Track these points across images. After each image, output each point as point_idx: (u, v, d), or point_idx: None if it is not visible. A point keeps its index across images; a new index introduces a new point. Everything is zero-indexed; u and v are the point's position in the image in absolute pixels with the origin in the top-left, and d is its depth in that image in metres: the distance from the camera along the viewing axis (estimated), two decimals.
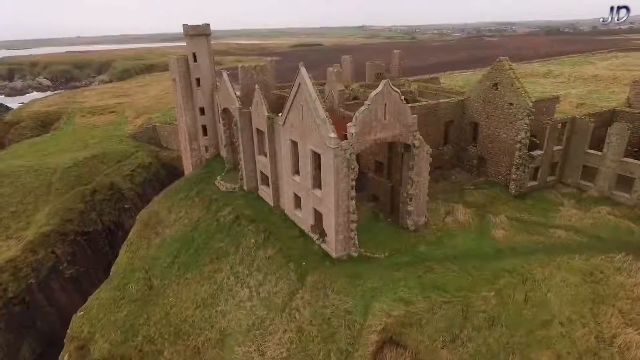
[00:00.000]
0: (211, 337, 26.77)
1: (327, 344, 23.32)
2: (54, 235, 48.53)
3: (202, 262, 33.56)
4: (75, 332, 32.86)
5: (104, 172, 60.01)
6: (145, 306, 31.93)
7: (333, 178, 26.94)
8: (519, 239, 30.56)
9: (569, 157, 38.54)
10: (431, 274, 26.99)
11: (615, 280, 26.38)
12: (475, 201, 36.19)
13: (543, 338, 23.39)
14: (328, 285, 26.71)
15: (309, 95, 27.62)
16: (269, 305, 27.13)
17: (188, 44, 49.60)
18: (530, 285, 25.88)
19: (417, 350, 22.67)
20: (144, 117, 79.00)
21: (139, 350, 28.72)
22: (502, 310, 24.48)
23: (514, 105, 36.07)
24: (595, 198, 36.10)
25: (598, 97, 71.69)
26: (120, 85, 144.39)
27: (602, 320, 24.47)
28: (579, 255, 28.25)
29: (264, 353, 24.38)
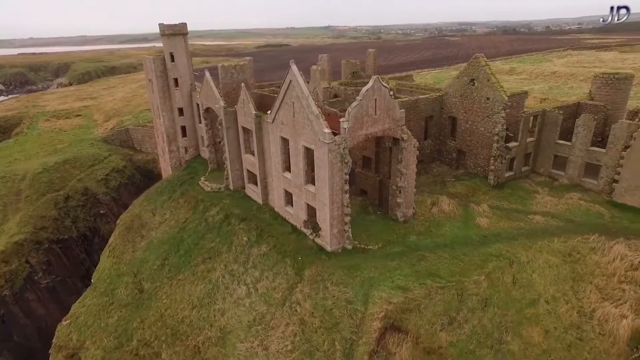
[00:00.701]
0: (211, 335, 26.71)
1: (330, 333, 23.88)
2: (28, 244, 46.50)
3: (193, 262, 33.29)
4: (62, 341, 31.77)
5: (77, 177, 57.91)
6: (137, 310, 31.33)
7: (327, 172, 27.52)
8: (502, 226, 32.25)
9: (540, 148, 40.90)
10: (424, 262, 28.09)
11: (591, 260, 28.39)
12: (457, 192, 37.77)
13: (532, 315, 24.96)
14: (326, 277, 27.28)
15: (301, 92, 28.08)
16: (268, 300, 27.37)
17: (165, 43, 48.76)
18: (517, 267, 27.45)
19: (418, 334, 23.64)
20: (115, 120, 76.65)
21: (135, 354, 28.21)
22: (493, 292, 25.88)
23: (491, 99, 37.92)
24: (566, 185, 38.52)
25: (558, 92, 75.98)
26: (84, 88, 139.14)
27: (582, 297, 26.33)
28: (557, 238, 30.17)
29: (267, 347, 24.63)
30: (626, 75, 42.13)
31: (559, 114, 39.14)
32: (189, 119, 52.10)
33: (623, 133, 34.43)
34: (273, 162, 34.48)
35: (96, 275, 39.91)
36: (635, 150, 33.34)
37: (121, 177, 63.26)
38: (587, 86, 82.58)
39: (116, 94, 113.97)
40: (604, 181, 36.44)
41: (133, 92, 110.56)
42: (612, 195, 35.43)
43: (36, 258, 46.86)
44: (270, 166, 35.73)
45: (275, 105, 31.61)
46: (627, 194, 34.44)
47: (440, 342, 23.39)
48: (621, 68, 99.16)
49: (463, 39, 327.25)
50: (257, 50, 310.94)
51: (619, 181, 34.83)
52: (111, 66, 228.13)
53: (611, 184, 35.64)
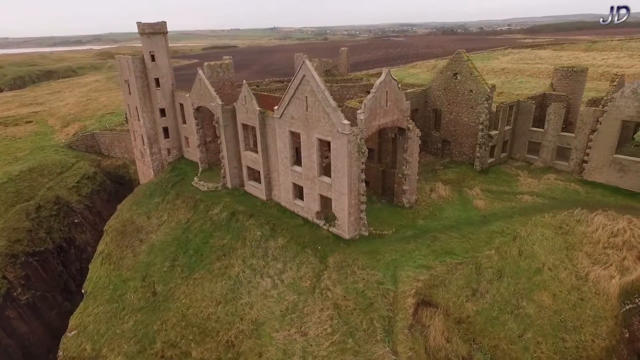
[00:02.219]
0: (243, 328, 26.92)
1: (367, 313, 25.13)
2: (3, 259, 43.28)
3: (207, 261, 33.07)
4: (73, 352, 30.27)
5: (46, 186, 54.40)
6: (154, 313, 30.63)
7: (346, 163, 28.75)
8: (497, 206, 35.23)
9: (516, 135, 44.82)
10: (438, 242, 30.20)
11: (578, 230, 31.98)
12: (449, 179, 40.47)
13: (539, 282, 27.82)
14: (351, 263, 28.51)
15: (316, 86, 29.06)
16: (297, 289, 28.07)
17: (145, 43, 47.42)
18: (519, 241, 30.32)
19: (447, 306, 25.57)
20: (76, 125, 72.42)
21: (161, 356, 27.67)
22: (503, 264, 28.48)
23: (474, 91, 41.05)
24: (541, 168, 42.57)
25: (511, 87, 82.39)
26: (25, 94, 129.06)
27: (576, 263, 29.68)
28: (547, 213, 33.56)
29: (305, 333, 25.37)
30: (582, 69, 47.24)
31: (532, 103, 43.18)
32: (171, 120, 50.94)
33: (589, 118, 38.80)
34: (280, 157, 35.05)
35: (90, 285, 38.14)
36: (601, 134, 37.74)
37: (92, 184, 60.14)
38: (534, 80, 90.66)
39: (66, 98, 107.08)
40: (574, 162, 40.78)
41: (86, 96, 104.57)
42: (582, 175, 39.78)
43: (13, 273, 43.68)
44: (275, 161, 36.25)
45: (284, 101, 32.27)
46: (596, 172, 38.87)
47: (468, 312, 25.49)
48: (559, 64, 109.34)
49: (408, 39, 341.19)
50: (205, 52, 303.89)
51: (588, 161, 39.20)
52: (47, 70, 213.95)
53: (581, 165, 40.00)
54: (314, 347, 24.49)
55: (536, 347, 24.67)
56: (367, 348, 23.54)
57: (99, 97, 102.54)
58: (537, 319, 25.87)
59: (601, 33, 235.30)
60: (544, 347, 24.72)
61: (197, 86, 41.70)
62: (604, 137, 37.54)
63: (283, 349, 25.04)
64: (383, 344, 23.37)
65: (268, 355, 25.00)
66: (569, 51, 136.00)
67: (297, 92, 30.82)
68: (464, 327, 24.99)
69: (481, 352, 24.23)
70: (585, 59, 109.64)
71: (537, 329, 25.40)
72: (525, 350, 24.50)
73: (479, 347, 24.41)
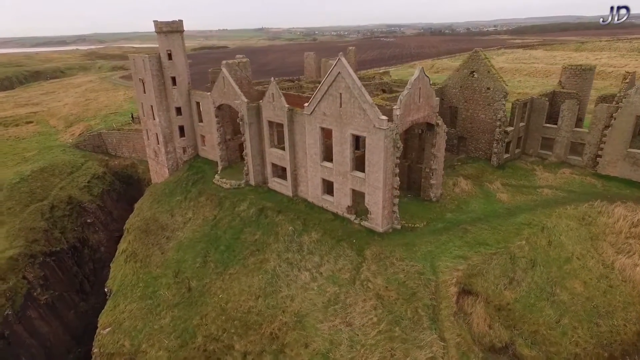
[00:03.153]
0: (286, 321, 27.37)
1: (411, 302, 25.85)
2: (23, 259, 42.84)
3: (240, 256, 33.41)
4: (111, 349, 30.31)
5: (59, 186, 53.92)
6: (191, 308, 30.86)
7: (382, 157, 29.45)
8: (519, 199, 36.33)
9: (530, 131, 46.11)
10: (470, 234, 31.10)
11: (600, 221, 33.25)
12: (468, 173, 41.46)
13: (570, 270, 28.94)
14: (388, 255, 29.21)
15: (352, 83, 29.69)
16: (337, 281, 28.64)
17: (162, 41, 47.45)
18: (547, 232, 31.42)
19: (487, 294, 26.46)
20: (82, 125, 71.72)
21: (203, 350, 27.95)
22: (535, 254, 29.51)
23: (491, 89, 42.16)
24: (555, 163, 43.89)
25: (512, 86, 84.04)
26: (17, 94, 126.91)
27: (601, 252, 30.93)
28: (568, 206, 34.78)
29: (350, 323, 25.97)
30: (590, 67, 48.79)
31: (545, 100, 44.52)
32: (187, 118, 50.99)
33: (603, 115, 40.25)
34: (309, 153, 35.57)
35: (115, 283, 38.12)
36: (615, 129, 39.16)
37: (102, 184, 59.77)
38: (533, 80, 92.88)
39: (63, 99, 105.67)
40: (588, 157, 42.20)
41: (83, 97, 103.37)
42: (596, 169, 41.18)
43: (33, 273, 43.26)
44: (302, 158, 36.76)
45: (316, 98, 32.82)
46: (610, 166, 40.31)
47: (507, 300, 26.42)
48: (554, 63, 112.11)
49: (398, 39, 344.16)
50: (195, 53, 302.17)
51: (602, 156, 40.62)
52: (34, 71, 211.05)
53: (595, 159, 41.43)
54: (360, 337, 25.11)
55: (573, 332, 25.74)
56: (414, 336, 24.25)
57: (97, 97, 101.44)
58: (572, 306, 26.95)
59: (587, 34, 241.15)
60: (581, 332, 25.80)
61: (219, 84, 41.93)
62: (618, 132, 38.97)
63: (329, 339, 25.59)
64: (430, 331, 24.11)
65: (314, 346, 25.52)
66: (561, 51, 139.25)
67: (331, 88, 31.39)
68: (504, 314, 25.90)
69: (522, 338, 25.17)
70: (578, 59, 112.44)
71: (573, 315, 26.47)
72: (564, 335, 25.53)
73: (520, 332, 25.35)
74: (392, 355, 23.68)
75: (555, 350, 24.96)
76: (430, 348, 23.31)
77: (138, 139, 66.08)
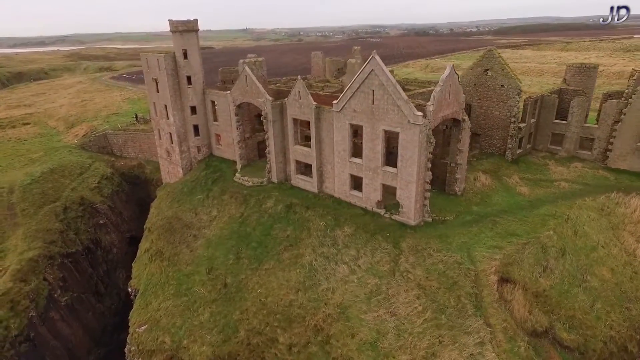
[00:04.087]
0: (330, 313, 27.95)
1: (453, 291, 26.76)
2: (42, 260, 42.33)
3: (273, 252, 33.84)
4: (150, 346, 30.35)
5: (70, 187, 53.28)
6: (230, 303, 31.14)
7: (416, 152, 30.33)
8: (539, 192, 37.70)
9: (540, 127, 47.73)
10: (499, 225, 32.25)
11: (619, 212, 34.85)
12: (485, 168, 42.70)
13: (597, 258, 30.33)
14: (425, 247, 30.10)
15: (386, 80, 30.48)
16: (376, 273, 29.37)
17: (177, 40, 47.46)
18: (571, 223, 32.78)
19: (524, 282, 27.57)
20: (85, 126, 70.77)
21: (247, 344, 28.32)
22: (563, 243, 30.79)
23: (505, 86, 43.54)
24: (565, 158, 45.55)
25: None
26: (6, 95, 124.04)
27: (623, 241, 32.47)
28: (587, 197, 36.31)
29: (395, 313, 26.73)
30: (594, 65, 50.73)
31: (555, 97, 46.17)
32: (201, 118, 51.04)
33: (613, 110, 42.03)
34: (336, 149, 36.22)
35: (142, 282, 38.04)
36: (625, 124, 40.95)
37: (112, 185, 59.23)
38: (528, 78, 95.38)
39: (56, 100, 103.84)
40: (597, 151, 43.97)
41: (78, 98, 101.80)
42: (606, 162, 42.94)
43: (52, 274, 42.75)
44: (328, 154, 37.39)
45: (346, 95, 33.51)
46: (619, 160, 42.10)
47: (543, 287, 27.58)
48: (545, 62, 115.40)
49: (384, 40, 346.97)
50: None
51: (612, 150, 42.39)
52: (17, 72, 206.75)
53: (604, 153, 43.19)
54: (407, 325, 25.90)
55: (607, 316, 27.08)
56: (460, 322, 25.16)
57: (92, 98, 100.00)
58: (602, 291, 28.30)
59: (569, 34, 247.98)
60: (613, 316, 27.15)
61: (241, 83, 42.20)
62: (628, 127, 40.76)
63: (375, 329, 26.30)
64: (475, 318, 25.06)
65: (361, 336, 26.20)
66: (549, 51, 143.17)
67: (363, 86, 32.12)
68: (542, 301, 27.05)
69: (560, 322, 26.36)
70: (568, 58, 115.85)
71: (604, 300, 27.82)
72: (598, 319, 26.83)
73: (558, 317, 26.53)
74: (440, 341, 24.55)
75: (591, 333, 26.24)
76: (478, 334, 24.24)
77: (145, 139, 65.71)
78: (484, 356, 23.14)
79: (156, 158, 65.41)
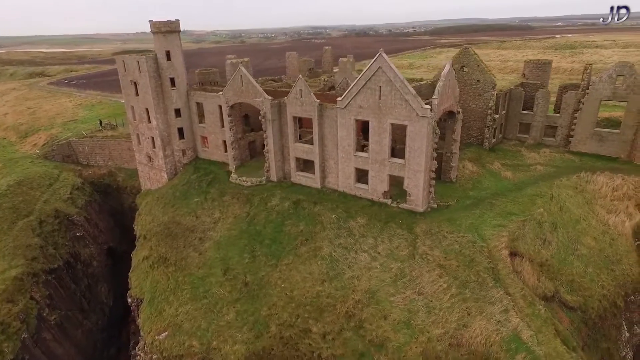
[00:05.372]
0: (359, 298, 29.22)
1: (472, 267, 29.19)
2: (27, 279, 39.46)
3: (289, 247, 34.46)
4: (177, 351, 29.69)
5: (42, 199, 49.75)
6: (255, 301, 31.31)
7: (424, 143, 32.54)
8: (521, 176, 41.62)
9: (509, 118, 52.35)
10: (497, 207, 35.40)
11: (589, 188, 39.53)
12: (468, 157, 46.11)
13: (582, 230, 34.38)
14: (437, 230, 32.39)
15: (394, 76, 32.36)
16: (397, 258, 31.13)
17: (160, 41, 46.36)
18: (555, 200, 36.74)
19: (529, 254, 30.71)
20: (43, 135, 65.93)
21: (280, 337, 28.77)
22: (553, 218, 34.53)
23: (481, 81, 47.36)
24: (533, 145, 50.41)
25: None
26: None
27: (597, 213, 36.99)
28: (562, 178, 40.71)
29: (422, 292, 28.61)
30: (548, 61, 56.61)
31: (522, 90, 50.93)
32: (186, 120, 50.05)
33: (572, 100, 47.30)
34: (340, 145, 37.56)
35: (147, 291, 36.87)
36: (584, 112, 46.26)
37: (84, 195, 55.97)
38: None
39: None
40: (560, 137, 49.21)
41: (22, 105, 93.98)
42: (568, 147, 48.19)
43: (39, 293, 39.94)
44: (331, 150, 38.66)
45: (352, 92, 34.98)
46: (580, 144, 47.46)
47: (545, 257, 30.90)
48: (489, 60, 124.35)
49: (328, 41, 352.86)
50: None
51: (573, 136, 47.69)
52: None
53: (567, 139, 48.46)
54: (435, 302, 27.90)
55: (598, 277, 30.98)
56: (483, 294, 27.60)
57: (39, 105, 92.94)
58: (591, 257, 32.26)
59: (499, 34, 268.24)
60: (603, 277, 31.12)
61: (235, 83, 42.15)
62: (587, 115, 46.12)
63: (406, 308, 28.04)
64: (496, 289, 27.63)
65: (394, 317, 27.81)
66: (489, 50, 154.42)
67: (369, 82, 33.77)
68: (546, 269, 30.32)
69: (563, 287, 29.75)
70: (508, 56, 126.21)
71: (594, 264, 31.75)
72: (592, 281, 30.62)
73: (560, 283, 29.91)
74: (469, 313, 26.79)
75: (588, 294, 29.91)
76: (501, 302, 26.78)
77: (115, 145, 62.80)
78: (510, 321, 25.67)
79: (129, 165, 62.97)
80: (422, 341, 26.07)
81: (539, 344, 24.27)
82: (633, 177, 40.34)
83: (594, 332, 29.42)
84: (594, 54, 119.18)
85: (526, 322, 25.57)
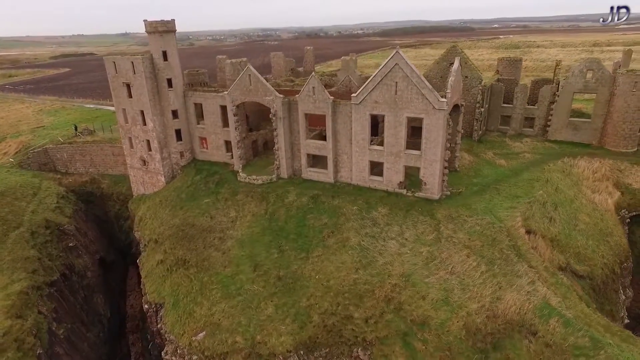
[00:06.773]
0: (395, 283, 30.74)
1: (494, 246, 31.76)
2: (32, 292, 37.23)
3: (316, 240, 35.33)
4: (221, 349, 29.52)
5: (29, 210, 46.79)
6: (292, 293, 31.84)
7: (441, 134, 34.82)
8: (514, 163, 45.32)
9: (491, 111, 56.42)
10: (503, 191, 38.51)
11: (574, 172, 43.89)
12: (463, 148, 49.31)
13: (577, 207, 38.27)
14: (457, 215, 34.77)
15: (410, 72, 34.34)
16: (425, 243, 33.06)
17: (157, 41, 45.37)
18: (550, 183, 40.51)
19: (540, 231, 33.83)
20: (13, 143, 61.49)
21: (324, 326, 29.55)
22: (553, 199, 38.14)
23: (469, 77, 50.79)
24: (514, 135, 54.76)
25: None
26: None
27: (584, 194, 41.22)
28: (550, 163, 44.84)
29: (454, 272, 30.70)
30: (519, 58, 61.60)
31: (502, 85, 55.13)
32: (184, 121, 49.23)
33: (548, 94, 52.03)
34: (355, 139, 39.01)
35: (167, 295, 36.19)
36: (559, 104, 51.07)
37: (70, 204, 53.17)
38: None
39: None
40: (538, 128, 53.90)
41: None
42: (546, 136, 52.92)
43: (45, 306, 37.76)
44: (344, 145, 40.00)
45: (367, 88, 36.58)
46: (556, 133, 52.31)
47: (554, 233, 34.18)
48: None
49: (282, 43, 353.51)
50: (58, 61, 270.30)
51: (550, 125, 52.44)
52: None
53: (544, 129, 53.17)
54: (467, 280, 30.10)
55: (598, 249, 34.76)
56: (509, 269, 30.19)
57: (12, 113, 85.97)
58: (589, 231, 36.08)
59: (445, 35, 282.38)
60: (602, 248, 34.97)
61: (243, 82, 42.25)
62: (561, 107, 50.96)
63: (442, 288, 30.00)
64: (521, 264, 30.34)
65: (431, 296, 29.65)
66: (443, 50, 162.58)
67: (385, 78, 35.53)
68: (556, 244, 33.57)
69: (572, 259, 33.12)
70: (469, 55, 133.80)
71: (593, 237, 35.56)
72: (594, 252, 34.33)
73: (569, 255, 33.27)
74: (500, 287, 29.22)
75: (593, 263, 33.53)
76: (527, 275, 29.48)
77: (97, 151, 60.20)
78: (538, 291, 28.38)
79: (113, 170, 60.68)
80: (462, 316, 28.08)
81: (568, 308, 27.10)
82: (607, 160, 45.31)
83: (599, 297, 33.04)
84: (542, 53, 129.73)
85: (552, 291, 28.39)
